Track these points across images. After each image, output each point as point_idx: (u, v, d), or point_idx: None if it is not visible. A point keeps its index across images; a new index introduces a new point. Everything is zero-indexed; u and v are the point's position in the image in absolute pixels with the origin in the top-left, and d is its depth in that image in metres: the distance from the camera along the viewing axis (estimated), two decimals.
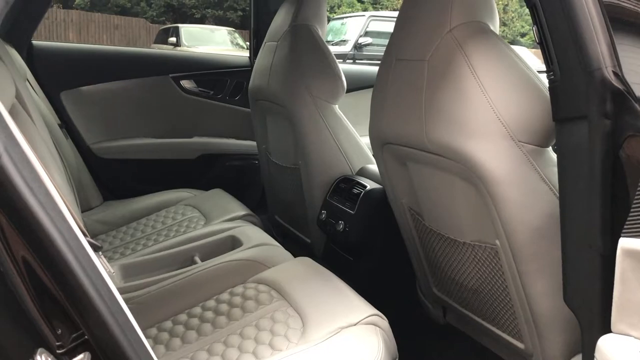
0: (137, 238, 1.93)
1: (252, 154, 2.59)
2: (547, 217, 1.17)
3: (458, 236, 1.38)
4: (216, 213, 1.97)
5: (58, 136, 2.00)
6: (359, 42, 9.84)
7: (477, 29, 1.22)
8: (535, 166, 1.16)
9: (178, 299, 1.40)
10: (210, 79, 2.66)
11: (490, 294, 1.40)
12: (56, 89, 2.31)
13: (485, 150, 1.16)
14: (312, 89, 1.90)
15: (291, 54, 1.93)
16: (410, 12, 1.36)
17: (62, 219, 0.69)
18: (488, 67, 1.17)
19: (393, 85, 1.39)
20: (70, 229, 0.70)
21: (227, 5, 16.01)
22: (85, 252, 0.71)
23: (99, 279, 0.71)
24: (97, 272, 0.72)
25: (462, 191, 1.30)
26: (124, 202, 2.19)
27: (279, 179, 2.25)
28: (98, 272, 0.72)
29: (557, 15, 0.99)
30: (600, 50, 0.94)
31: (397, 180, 1.55)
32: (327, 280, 1.39)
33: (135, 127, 2.50)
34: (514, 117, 1.15)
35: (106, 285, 0.72)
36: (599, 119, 0.95)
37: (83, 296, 0.68)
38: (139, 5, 15.67)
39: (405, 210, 1.58)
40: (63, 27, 14.26)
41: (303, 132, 1.92)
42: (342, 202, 1.88)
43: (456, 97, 1.19)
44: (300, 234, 2.21)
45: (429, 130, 1.26)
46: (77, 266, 0.69)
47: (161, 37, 12.75)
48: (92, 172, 2.29)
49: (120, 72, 2.46)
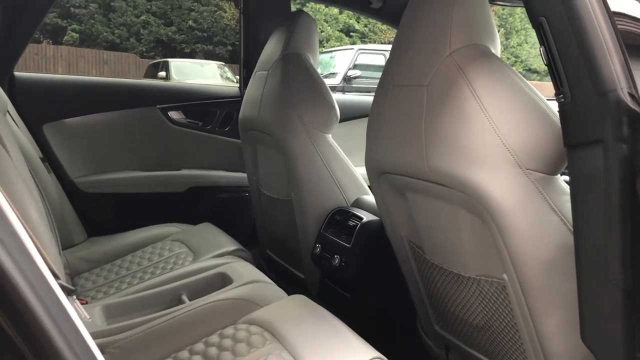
0: (121, 276, 1.85)
1: (242, 186, 2.52)
2: (558, 248, 1.10)
3: (462, 270, 1.31)
4: (205, 248, 1.90)
5: (39, 170, 1.92)
6: (348, 74, 9.95)
7: (478, 52, 1.17)
8: (545, 195, 1.10)
9: (164, 342, 1.31)
10: (199, 110, 2.62)
11: (497, 332, 1.32)
12: (38, 121, 2.24)
13: (491, 179, 1.10)
14: (304, 117, 1.85)
15: (283, 82, 1.88)
16: (407, 37, 1.31)
17: (28, 261, 0.61)
18: (491, 91, 1.11)
19: (390, 112, 1.33)
20: (38, 271, 0.63)
21: (217, 40, 16.14)
22: (56, 297, 0.63)
23: (70, 328, 0.63)
24: (68, 319, 0.64)
25: (466, 222, 1.23)
26: (109, 238, 2.11)
27: (270, 211, 2.18)
28: (69, 320, 0.64)
29: (566, 34, 0.93)
30: (615, 71, 0.88)
31: (395, 211, 1.48)
32: (323, 320, 1.31)
33: (121, 160, 2.43)
34: (520, 143, 1.08)
35: (78, 334, 0.64)
36: (614, 143, 0.89)
37: (50, 349, 0.60)
38: (129, 40, 15.75)
39: (405, 243, 1.50)
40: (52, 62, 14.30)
41: (295, 163, 1.86)
42: (337, 235, 1.81)
43: (458, 122, 1.13)
44: (294, 269, 2.13)
45: (429, 158, 1.19)
46: (44, 314, 0.61)
47: (151, 72, 12.81)
48: (75, 207, 2.20)
49: (106, 103, 2.40)
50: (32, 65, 13.59)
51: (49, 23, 14.84)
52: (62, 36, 15.28)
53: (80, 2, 15.05)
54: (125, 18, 15.58)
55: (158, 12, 15.91)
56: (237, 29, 11.29)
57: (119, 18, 15.55)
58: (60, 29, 15.27)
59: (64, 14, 15.22)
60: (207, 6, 16.13)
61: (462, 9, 1.18)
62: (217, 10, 16.16)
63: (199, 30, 16.02)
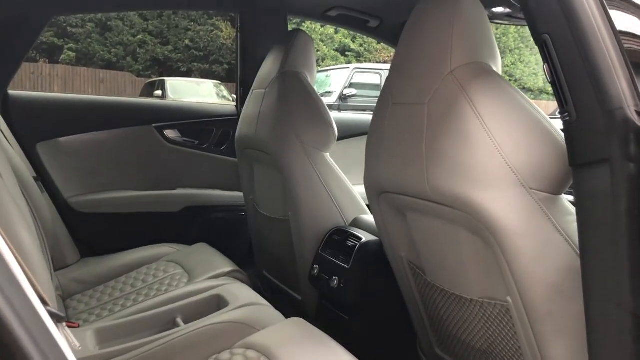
0: (115, 298, 1.81)
1: (238, 206, 2.49)
2: (564, 271, 1.07)
3: (464, 293, 1.28)
4: (200, 270, 1.86)
5: (32, 190, 1.88)
6: (343, 93, 9.99)
7: (480, 69, 1.15)
8: (549, 215, 1.07)
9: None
10: (196, 129, 2.59)
11: (501, 356, 1.28)
12: (32, 140, 2.22)
13: (494, 199, 1.07)
14: (302, 136, 1.83)
15: (280, 100, 1.86)
16: (406, 54, 1.30)
17: (14, 287, 0.58)
18: (493, 109, 1.09)
19: (390, 130, 1.31)
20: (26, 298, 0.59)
21: (213, 59, 16.19)
22: (43, 325, 0.60)
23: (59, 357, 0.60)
24: (56, 348, 0.60)
25: (469, 243, 1.20)
26: (103, 259, 2.08)
27: (267, 231, 2.14)
28: (57, 349, 0.60)
29: (571, 51, 0.91)
30: (621, 88, 0.86)
31: (395, 231, 1.45)
32: (322, 344, 1.28)
33: (116, 179, 2.40)
34: (524, 162, 1.06)
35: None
36: (622, 162, 0.87)
37: None
38: (125, 59, 15.79)
39: (405, 264, 1.47)
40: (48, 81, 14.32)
41: (293, 181, 1.83)
42: (335, 256, 1.77)
43: (460, 141, 1.11)
44: (291, 290, 2.09)
45: (430, 178, 1.17)
46: (31, 345, 0.57)
47: (147, 90, 12.84)
48: (69, 227, 2.17)
49: (101, 122, 2.38)
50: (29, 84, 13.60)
51: (45, 42, 14.89)
52: (59, 55, 15.32)
53: (77, 22, 15.10)
54: (121, 37, 15.64)
55: (155, 31, 15.97)
56: (233, 48, 11.34)
57: (115, 37, 15.61)
58: (57, 48, 15.32)
59: (61, 33, 15.27)
60: (203, 26, 16.22)
61: (463, 26, 1.17)
62: (213, 29, 16.23)
63: (196, 50, 16.08)
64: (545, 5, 0.94)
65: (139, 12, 14.95)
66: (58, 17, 11.08)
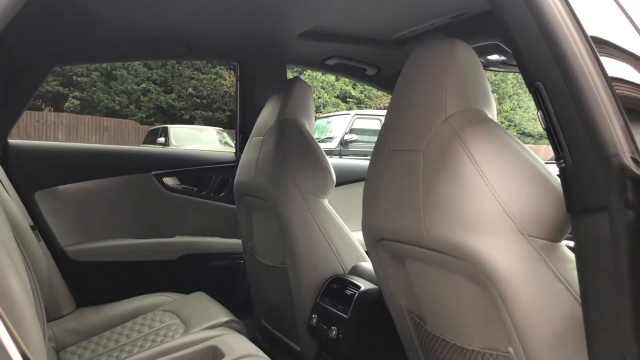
0: (109, 349, 1.76)
1: (237, 253, 2.46)
2: (565, 319, 1.04)
3: (465, 343, 1.24)
4: (197, 319, 1.82)
5: (27, 239, 1.86)
6: (344, 138, 10.09)
7: (474, 116, 1.15)
8: (549, 263, 1.05)
9: None
10: (195, 176, 2.59)
11: None
12: (31, 189, 2.22)
13: (492, 246, 1.05)
14: (300, 182, 1.82)
15: (278, 147, 1.87)
16: (402, 101, 1.30)
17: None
18: (489, 156, 1.09)
19: (387, 177, 1.30)
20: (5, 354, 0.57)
21: (216, 106, 16.42)
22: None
23: None
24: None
25: (468, 292, 1.17)
26: (98, 309, 2.03)
27: (265, 279, 2.11)
28: None
29: (564, 98, 0.91)
30: (616, 135, 0.86)
31: (394, 280, 1.42)
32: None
33: (113, 227, 2.38)
34: (521, 209, 1.05)
35: None
36: (620, 209, 0.85)
37: None
38: (129, 107, 16.01)
39: (404, 313, 1.44)
40: (53, 129, 14.49)
41: (291, 229, 1.81)
42: (334, 305, 1.74)
43: (456, 188, 1.10)
44: (290, 340, 2.04)
45: (428, 225, 1.15)
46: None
47: (150, 138, 12.96)
48: (65, 276, 2.14)
49: (100, 170, 2.38)
50: (33, 132, 13.76)
51: (50, 91, 15.13)
52: (64, 103, 15.54)
53: (82, 71, 15.38)
54: (125, 86, 15.90)
55: (159, 80, 16.25)
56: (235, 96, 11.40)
57: (119, 86, 15.87)
58: (61, 97, 15.56)
59: (66, 82, 15.53)
60: (207, 74, 16.50)
61: (457, 74, 1.18)
62: (216, 78, 16.52)
63: (199, 97, 16.32)
64: (536, 51, 0.95)
65: (142, 61, 15.24)
66: (62, 67, 11.30)
